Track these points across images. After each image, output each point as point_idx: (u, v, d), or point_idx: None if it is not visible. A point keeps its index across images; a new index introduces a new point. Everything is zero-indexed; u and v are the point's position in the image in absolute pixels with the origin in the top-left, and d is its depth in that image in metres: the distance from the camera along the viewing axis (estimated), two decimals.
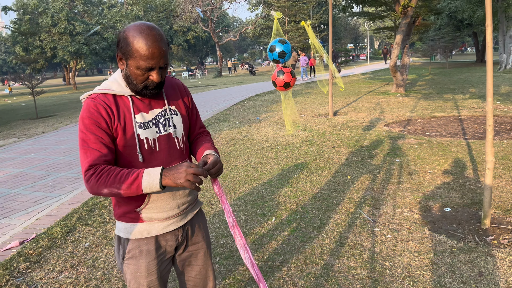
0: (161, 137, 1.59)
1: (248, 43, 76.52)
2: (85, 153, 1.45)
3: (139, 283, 1.63)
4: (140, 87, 1.51)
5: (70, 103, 19.16)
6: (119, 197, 1.60)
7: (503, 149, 5.86)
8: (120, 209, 1.61)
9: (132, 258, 1.62)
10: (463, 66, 27.50)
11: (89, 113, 1.48)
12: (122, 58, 1.50)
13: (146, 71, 1.47)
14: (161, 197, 1.58)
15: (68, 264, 3.27)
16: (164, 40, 1.48)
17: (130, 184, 1.41)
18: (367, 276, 2.86)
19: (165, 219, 1.62)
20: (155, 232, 1.62)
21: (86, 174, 1.43)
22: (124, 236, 1.62)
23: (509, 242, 3.21)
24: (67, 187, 5.29)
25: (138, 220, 1.60)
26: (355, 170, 5.32)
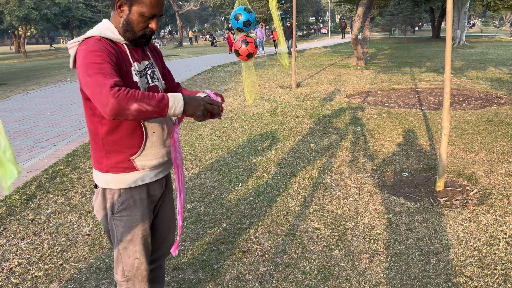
0: (151, 88, 1.63)
1: (209, 13, 74.72)
2: (105, 76, 1.35)
3: (134, 233, 1.65)
4: (139, 35, 1.54)
5: (20, 71, 18.14)
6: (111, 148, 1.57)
7: (456, 119, 6.17)
8: (109, 160, 1.59)
9: (125, 209, 1.63)
10: (420, 42, 28.28)
11: (98, 48, 1.42)
12: (124, 4, 1.51)
13: (148, 18, 1.52)
14: (155, 143, 1.62)
15: (29, 231, 3.18)
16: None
17: (159, 102, 1.37)
18: (331, 236, 2.98)
19: (156, 167, 1.66)
20: (147, 180, 1.65)
21: (112, 89, 1.31)
22: (116, 186, 1.61)
23: (461, 203, 3.44)
24: (23, 156, 5.08)
25: (131, 169, 1.61)
26: (318, 139, 5.44)
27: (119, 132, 1.56)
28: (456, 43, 22.71)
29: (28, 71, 18.19)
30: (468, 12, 26.44)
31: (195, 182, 4.10)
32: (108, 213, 1.65)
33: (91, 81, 1.35)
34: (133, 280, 1.72)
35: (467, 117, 6.26)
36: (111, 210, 1.64)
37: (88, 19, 42.83)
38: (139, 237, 1.66)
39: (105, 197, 1.65)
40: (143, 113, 1.35)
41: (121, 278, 1.72)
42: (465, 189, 3.72)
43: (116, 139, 1.57)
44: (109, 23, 1.56)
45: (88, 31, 1.52)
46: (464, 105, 7.20)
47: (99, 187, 1.66)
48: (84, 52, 1.42)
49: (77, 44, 1.51)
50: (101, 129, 1.56)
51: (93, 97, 1.35)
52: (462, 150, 4.75)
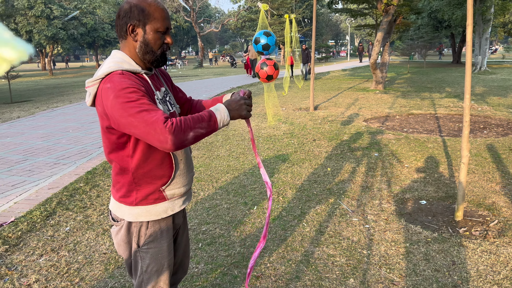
0: (170, 114, 1.64)
1: (229, 35, 76.07)
2: (149, 113, 1.36)
3: (160, 264, 1.64)
4: (158, 53, 1.55)
5: (46, 88, 18.70)
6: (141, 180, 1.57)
7: (476, 146, 6.08)
8: (140, 193, 1.58)
9: (153, 241, 1.62)
10: (440, 66, 28.13)
11: (126, 84, 1.41)
12: (137, 27, 1.50)
13: (163, 33, 1.53)
14: (182, 170, 1.64)
15: (48, 247, 3.24)
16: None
17: (208, 122, 1.42)
18: (346, 263, 2.95)
19: (182, 195, 1.68)
20: (177, 209, 1.66)
21: (166, 125, 1.33)
22: (146, 219, 1.59)
23: (480, 233, 3.37)
24: (45, 172, 5.21)
25: (161, 199, 1.61)
26: (335, 163, 5.42)
27: (149, 164, 1.55)
28: (477, 69, 22.51)
29: (53, 88, 18.74)
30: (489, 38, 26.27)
31: (211, 203, 4.13)
32: (134, 246, 1.63)
33: (136, 122, 1.35)
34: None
35: (488, 145, 6.17)
36: (137, 243, 1.62)
37: (113, 39, 44.07)
38: (165, 267, 1.66)
39: (129, 230, 1.63)
40: (199, 137, 1.41)
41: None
42: (485, 219, 3.64)
43: (147, 171, 1.55)
44: (122, 54, 1.54)
45: (104, 67, 1.49)
46: (485, 133, 7.10)
47: (122, 220, 1.63)
48: (112, 91, 1.40)
49: (98, 83, 1.48)
50: (131, 163, 1.55)
51: (145, 136, 1.36)
52: (482, 179, 4.67)
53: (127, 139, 1.51)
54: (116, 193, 1.62)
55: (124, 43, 1.54)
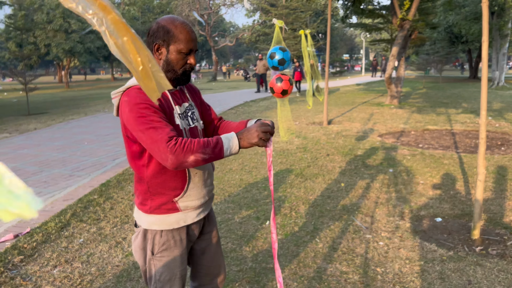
0: (190, 129, 1.69)
1: (244, 49, 76.77)
2: (156, 130, 1.44)
3: (173, 273, 1.68)
4: (180, 72, 1.61)
5: (62, 101, 19.06)
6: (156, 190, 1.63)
7: (494, 163, 5.97)
8: (154, 202, 1.64)
9: (166, 250, 1.67)
10: (456, 82, 27.88)
11: (140, 100, 1.49)
12: (161, 46, 1.58)
13: (186, 54, 1.59)
14: (197, 184, 1.67)
15: (62, 259, 3.27)
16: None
17: (213, 148, 1.45)
18: (359, 281, 2.91)
19: (197, 207, 1.71)
20: (190, 221, 1.69)
21: (169, 145, 1.40)
22: (159, 228, 1.65)
23: (498, 253, 3.29)
24: (61, 184, 5.28)
25: (174, 210, 1.65)
26: (348, 178, 5.38)
27: (163, 175, 1.61)
28: (494, 84, 22.25)
29: (69, 100, 19.10)
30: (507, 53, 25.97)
31: (223, 217, 4.12)
32: (148, 253, 1.68)
33: (145, 138, 1.45)
34: None
35: (506, 162, 6.05)
36: (151, 250, 1.68)
37: None
38: (178, 277, 1.70)
39: (145, 237, 1.68)
40: (200, 162, 1.43)
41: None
42: (502, 238, 3.56)
43: (160, 182, 1.62)
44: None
45: (129, 81, 1.60)
46: (502, 149, 6.98)
47: (140, 226, 1.70)
48: (128, 104, 1.50)
49: (120, 95, 1.59)
50: (146, 173, 1.62)
51: (151, 151, 1.46)
52: (500, 196, 4.58)
53: (143, 149, 1.59)
54: (136, 200, 1.72)
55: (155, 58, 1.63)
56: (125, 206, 4.46)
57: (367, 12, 14.91)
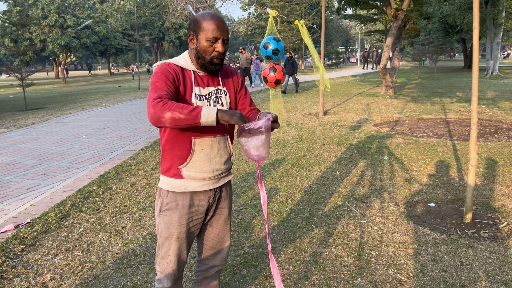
0: None
1: (239, 42, 76.51)
2: (154, 92, 1.63)
3: (170, 232, 1.90)
4: (208, 59, 1.78)
5: (59, 96, 19.03)
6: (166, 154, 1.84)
7: (487, 150, 6.06)
8: (165, 165, 1.88)
9: (168, 210, 1.89)
10: (451, 72, 27.95)
11: (161, 69, 1.74)
12: (193, 36, 1.79)
13: (213, 42, 1.75)
14: (201, 159, 1.84)
15: (63, 247, 3.33)
16: (225, 21, 1.79)
17: (191, 111, 1.55)
18: (354, 264, 2.98)
19: (200, 179, 1.87)
20: (190, 189, 1.87)
21: (153, 102, 1.57)
22: (166, 188, 1.89)
23: (489, 235, 3.37)
24: (60, 176, 5.33)
25: (178, 176, 1.86)
26: (344, 166, 5.46)
27: (173, 144, 1.83)
28: (488, 74, 22.33)
29: (66, 96, 19.06)
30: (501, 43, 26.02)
31: None
32: (156, 210, 1.94)
33: (148, 97, 1.64)
34: (163, 275, 1.94)
35: (499, 148, 6.14)
36: (159, 208, 1.92)
37: (124, 47, 44.65)
38: (174, 238, 1.90)
39: (159, 195, 1.93)
40: (176, 120, 1.55)
41: (157, 268, 1.97)
42: (494, 221, 3.65)
43: (170, 148, 1.84)
44: (186, 54, 1.87)
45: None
46: (495, 137, 7.06)
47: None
48: (153, 73, 1.76)
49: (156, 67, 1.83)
50: (162, 139, 1.87)
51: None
52: (492, 182, 4.66)
53: None
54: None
55: (190, 47, 1.85)
56: (124, 196, 4.52)
57: (361, 3, 14.91)
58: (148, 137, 7.82)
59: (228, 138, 1.93)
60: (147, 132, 8.31)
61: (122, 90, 21.45)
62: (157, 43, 52.47)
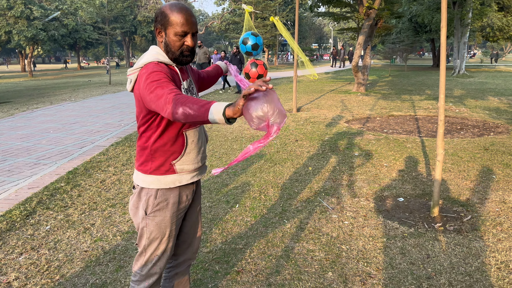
0: None
1: (214, 37, 76.01)
2: (162, 88, 1.57)
3: (162, 232, 1.86)
4: (177, 53, 1.76)
5: (26, 90, 18.39)
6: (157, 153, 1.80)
7: (453, 146, 6.25)
8: (154, 163, 1.83)
9: (159, 210, 1.84)
10: (420, 70, 28.67)
11: (157, 69, 1.67)
12: (161, 29, 1.75)
13: (182, 36, 1.73)
14: (193, 151, 1.86)
15: (28, 246, 3.23)
16: (193, 13, 1.75)
17: (201, 107, 1.45)
18: (325, 258, 3.02)
19: (192, 171, 1.88)
20: (184, 182, 1.86)
21: (168, 97, 1.51)
22: (155, 187, 1.82)
23: (455, 228, 3.48)
24: (25, 172, 5.15)
25: (171, 171, 1.83)
26: (316, 162, 5.51)
27: (165, 141, 1.80)
28: (456, 72, 23.02)
29: (33, 89, 18.45)
30: (468, 42, 26.88)
31: None
32: (141, 212, 1.86)
33: (153, 96, 1.57)
34: (146, 276, 1.90)
35: (464, 145, 6.34)
36: (144, 210, 1.84)
37: (95, 40, 43.58)
38: (165, 237, 1.87)
39: (140, 196, 1.86)
40: (188, 116, 1.46)
41: (137, 269, 1.91)
42: (459, 215, 3.77)
43: (162, 146, 1.80)
44: (158, 48, 1.80)
45: (143, 59, 1.76)
46: (461, 133, 7.30)
47: (137, 187, 1.88)
48: (145, 74, 1.66)
49: (137, 71, 1.76)
50: (152, 138, 1.80)
51: (157, 108, 1.56)
52: (458, 177, 4.81)
53: (153, 118, 1.77)
54: (136, 163, 1.90)
55: (158, 40, 1.81)
56: (93, 193, 4.41)
57: (334, 1, 15.07)
58: (119, 132, 7.67)
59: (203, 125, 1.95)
60: (117, 128, 8.15)
61: (92, 84, 20.94)
62: (129, 37, 51.45)
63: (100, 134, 7.50)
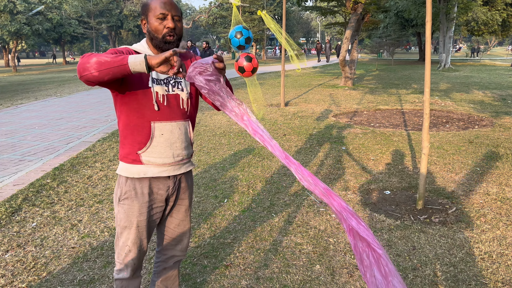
0: (169, 96, 1.84)
1: (201, 31, 75.52)
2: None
3: (130, 221, 1.87)
4: (160, 37, 1.76)
5: (9, 85, 18.08)
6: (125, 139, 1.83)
7: (439, 139, 6.33)
8: (123, 150, 1.85)
9: (127, 198, 1.86)
10: (407, 64, 28.90)
11: (116, 49, 1.72)
12: (143, 19, 1.80)
13: (162, 19, 1.74)
14: (161, 144, 1.82)
15: (14, 243, 3.19)
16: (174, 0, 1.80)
17: (117, 55, 1.54)
18: (313, 251, 3.05)
19: (161, 165, 1.84)
20: (150, 174, 1.84)
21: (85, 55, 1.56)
22: (124, 175, 1.85)
23: (440, 220, 3.54)
24: (10, 169, 5.08)
25: (137, 162, 1.83)
26: (304, 156, 5.54)
27: (132, 128, 1.81)
28: (441, 66, 23.26)
29: (18, 85, 18.15)
30: (453, 37, 27.16)
31: None
32: (115, 198, 1.91)
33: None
34: (123, 265, 1.91)
35: (449, 138, 6.43)
36: (118, 197, 1.89)
37: (80, 35, 42.94)
38: (134, 227, 1.86)
39: (118, 183, 1.90)
40: (102, 64, 1.51)
41: (116, 258, 1.94)
42: (444, 207, 3.83)
43: (128, 133, 1.82)
44: (144, 41, 1.88)
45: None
46: (447, 127, 7.39)
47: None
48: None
49: None
50: (120, 124, 1.85)
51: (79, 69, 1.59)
52: (443, 169, 4.88)
53: (116, 102, 1.82)
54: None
55: (144, 32, 1.85)
56: (80, 189, 4.38)
57: None
58: (106, 128, 7.60)
59: (189, 124, 1.91)
60: (104, 123, 8.07)
61: (78, 79, 20.67)
62: (115, 31, 50.82)
63: (87, 130, 7.43)
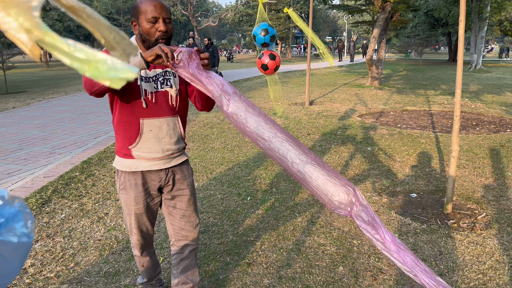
0: (158, 93, 1.90)
1: (227, 29, 75.86)
2: None
3: (129, 209, 2.05)
4: (153, 40, 1.79)
5: (42, 80, 18.63)
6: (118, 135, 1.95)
7: (468, 142, 6.17)
8: (117, 145, 1.99)
9: (124, 189, 2.02)
10: (436, 64, 28.24)
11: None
12: (135, 21, 1.83)
13: (154, 22, 1.77)
14: (149, 140, 1.92)
15: (44, 233, 3.29)
16: (164, 3, 1.81)
17: None
18: (336, 252, 3.02)
19: (151, 159, 1.96)
20: (141, 168, 1.96)
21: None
22: (119, 168, 2.00)
23: (468, 226, 3.45)
24: (41, 161, 5.24)
25: (129, 156, 1.95)
26: (328, 156, 5.49)
27: (123, 125, 1.91)
28: (472, 67, 22.64)
29: (49, 80, 18.67)
30: (485, 37, 26.36)
31: (205, 193, 4.18)
32: (117, 187, 2.08)
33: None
34: (132, 243, 2.18)
35: (480, 141, 6.25)
36: (117, 187, 2.07)
37: None
38: (133, 213, 2.04)
39: (117, 174, 2.05)
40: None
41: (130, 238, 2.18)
42: (473, 212, 3.73)
43: (120, 129, 1.94)
44: (133, 38, 1.90)
45: None
46: (477, 129, 7.19)
47: None
48: None
49: None
50: (113, 120, 1.97)
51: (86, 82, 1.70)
52: (472, 173, 4.75)
53: (110, 99, 1.92)
54: None
55: (135, 33, 1.89)
56: (107, 183, 4.47)
57: None
58: None
59: (178, 119, 1.97)
60: None
61: None
62: None
63: None
